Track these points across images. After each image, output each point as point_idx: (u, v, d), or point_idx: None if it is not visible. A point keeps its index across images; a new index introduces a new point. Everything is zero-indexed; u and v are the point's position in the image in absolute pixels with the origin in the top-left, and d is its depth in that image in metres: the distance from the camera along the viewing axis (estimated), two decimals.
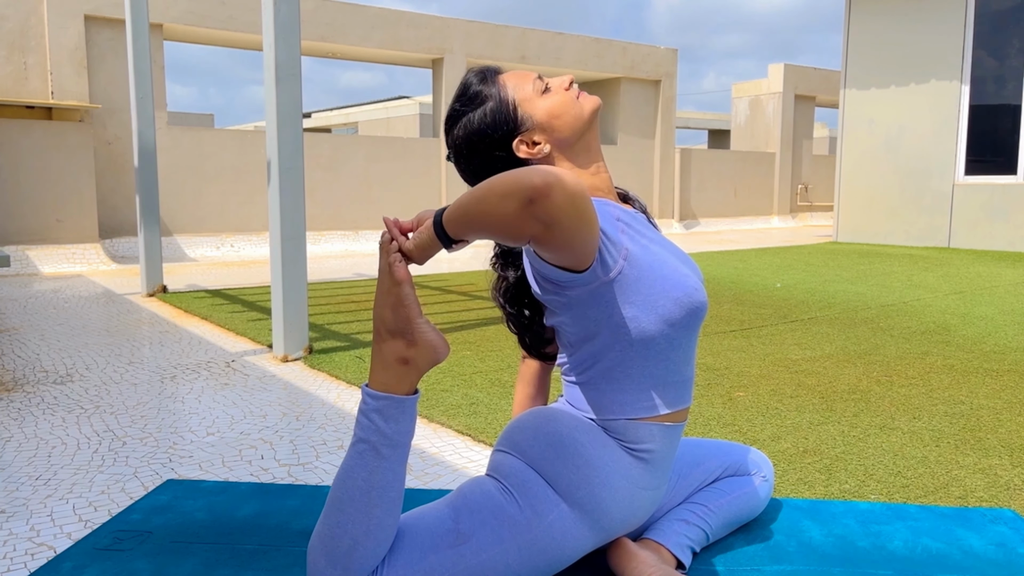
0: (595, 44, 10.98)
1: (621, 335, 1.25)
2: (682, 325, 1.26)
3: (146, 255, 4.92)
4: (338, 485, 1.21)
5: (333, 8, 8.85)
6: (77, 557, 1.47)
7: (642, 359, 1.27)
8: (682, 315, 1.25)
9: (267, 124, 3.19)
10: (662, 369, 1.28)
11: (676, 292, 1.25)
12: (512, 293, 1.42)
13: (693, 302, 1.26)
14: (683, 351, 1.30)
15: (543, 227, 1.04)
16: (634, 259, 1.22)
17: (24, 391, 2.73)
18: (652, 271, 1.24)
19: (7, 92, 7.00)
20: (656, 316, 1.24)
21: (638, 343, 1.25)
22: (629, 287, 1.22)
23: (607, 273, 1.20)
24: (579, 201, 1.04)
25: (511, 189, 1.02)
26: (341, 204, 8.93)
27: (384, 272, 1.20)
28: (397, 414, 1.20)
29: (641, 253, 1.24)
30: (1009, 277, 6.00)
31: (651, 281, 1.23)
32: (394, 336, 1.20)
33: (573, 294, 1.23)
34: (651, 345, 1.26)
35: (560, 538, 1.23)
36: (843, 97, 9.67)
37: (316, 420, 2.42)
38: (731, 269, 6.54)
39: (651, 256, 1.25)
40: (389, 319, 1.20)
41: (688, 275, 1.28)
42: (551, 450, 1.25)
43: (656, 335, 1.25)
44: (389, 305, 1.20)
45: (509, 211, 1.03)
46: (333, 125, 24.61)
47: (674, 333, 1.27)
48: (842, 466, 2.00)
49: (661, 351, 1.27)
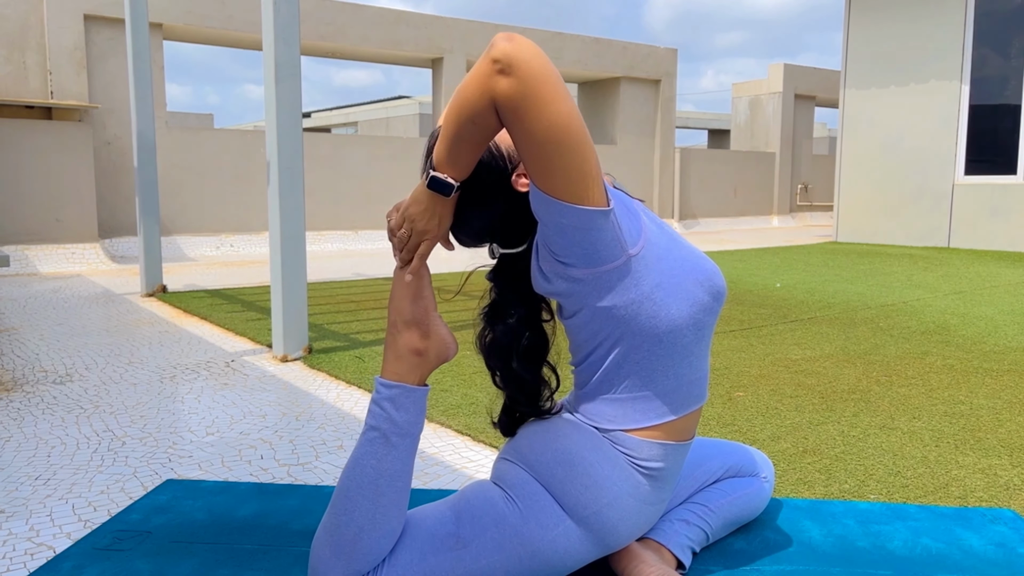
0: (595, 44, 10.98)
1: (647, 326, 1.19)
2: (708, 309, 1.24)
3: (146, 255, 4.92)
4: (347, 474, 1.23)
5: (333, 8, 8.85)
6: (76, 557, 1.46)
7: (668, 354, 1.22)
8: (707, 298, 1.23)
9: (267, 124, 3.19)
10: (686, 366, 1.25)
11: (698, 274, 1.23)
12: (501, 344, 1.30)
13: (715, 285, 1.25)
14: (705, 343, 1.27)
15: (517, 82, 1.02)
16: (653, 239, 1.20)
17: (23, 391, 2.73)
18: (671, 252, 1.22)
19: (7, 92, 6.99)
20: (683, 299, 1.20)
21: (666, 335, 1.20)
22: (652, 267, 1.18)
23: (633, 246, 1.16)
24: (542, 54, 1.04)
25: (475, 68, 1.06)
26: (341, 204, 8.92)
27: (405, 266, 1.24)
28: (408, 404, 1.23)
29: (658, 233, 1.23)
30: (1009, 277, 6.00)
31: (672, 262, 1.21)
32: (409, 328, 1.24)
33: (600, 273, 1.16)
34: (679, 337, 1.21)
35: (563, 552, 1.22)
36: (843, 97, 9.67)
37: (316, 420, 2.41)
38: (731, 269, 6.54)
39: (668, 238, 1.24)
40: (407, 311, 1.24)
41: (705, 257, 1.27)
42: (560, 468, 1.23)
43: (684, 323, 1.21)
44: (408, 297, 1.24)
45: (479, 83, 1.04)
46: (333, 125, 24.61)
47: (702, 318, 1.23)
48: (842, 466, 1.99)
49: (687, 345, 1.23)
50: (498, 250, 1.29)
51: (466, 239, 1.29)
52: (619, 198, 1.21)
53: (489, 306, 1.32)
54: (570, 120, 1.06)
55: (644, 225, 1.21)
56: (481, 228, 1.27)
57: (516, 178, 1.24)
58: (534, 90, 1.03)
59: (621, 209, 1.18)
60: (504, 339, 1.28)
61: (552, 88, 1.04)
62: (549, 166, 1.08)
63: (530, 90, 1.03)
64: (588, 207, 1.10)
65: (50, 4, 7.12)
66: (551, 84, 1.04)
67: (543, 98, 1.03)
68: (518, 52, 1.02)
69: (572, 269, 1.16)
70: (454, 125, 1.10)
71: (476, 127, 1.09)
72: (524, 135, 1.06)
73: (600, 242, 1.13)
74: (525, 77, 1.02)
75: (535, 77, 1.03)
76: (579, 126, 1.07)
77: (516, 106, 1.03)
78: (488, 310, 1.32)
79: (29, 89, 7.14)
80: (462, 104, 1.07)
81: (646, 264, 1.18)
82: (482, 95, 1.05)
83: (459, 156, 1.13)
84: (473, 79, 1.06)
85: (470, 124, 1.08)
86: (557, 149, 1.06)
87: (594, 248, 1.14)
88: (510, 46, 1.02)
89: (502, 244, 1.29)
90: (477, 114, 1.07)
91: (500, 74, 1.02)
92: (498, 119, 1.07)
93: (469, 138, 1.10)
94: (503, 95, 1.03)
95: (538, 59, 1.03)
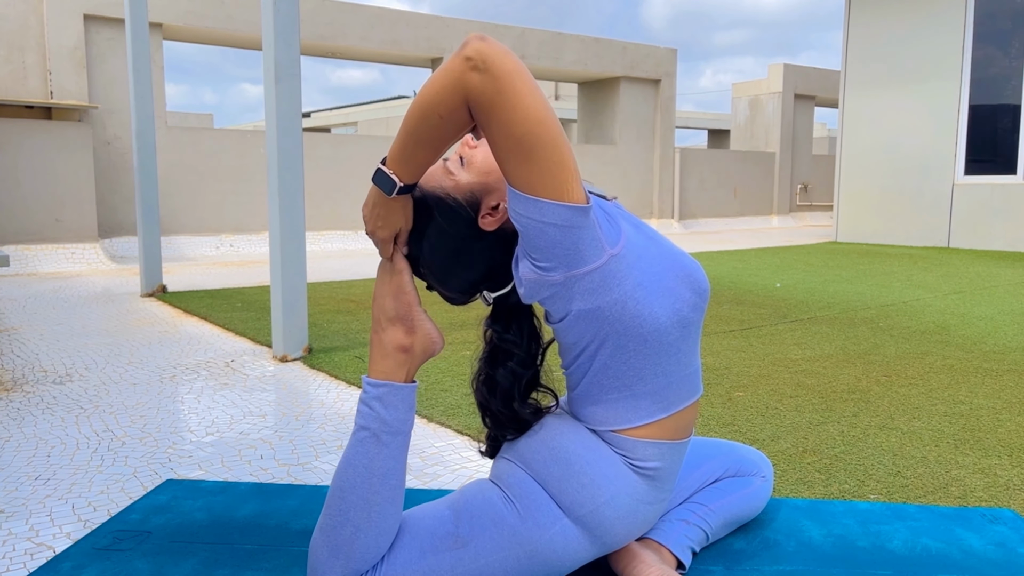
0: (595, 44, 10.98)
1: (631, 326, 1.19)
2: (692, 305, 1.23)
3: (145, 255, 4.92)
4: (339, 474, 1.23)
5: (332, 8, 8.85)
6: (76, 557, 1.46)
7: (655, 352, 1.21)
8: (689, 294, 1.23)
9: (267, 124, 3.19)
10: (675, 363, 1.24)
11: (678, 270, 1.23)
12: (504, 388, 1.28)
13: (696, 280, 1.24)
14: (693, 340, 1.27)
15: (492, 78, 1.03)
16: (632, 238, 1.20)
17: (23, 391, 2.73)
18: (648, 251, 1.21)
19: (6, 92, 6.99)
20: (665, 297, 1.20)
21: (651, 334, 1.20)
22: (632, 267, 1.17)
23: (613, 245, 1.16)
24: (512, 54, 1.05)
25: (445, 66, 1.06)
26: (341, 204, 8.92)
27: (385, 262, 1.25)
28: (397, 401, 1.23)
29: (635, 232, 1.23)
30: (1009, 277, 6.00)
31: (651, 260, 1.20)
32: (394, 324, 1.24)
33: (582, 275, 1.14)
34: (663, 335, 1.21)
35: (560, 551, 1.22)
36: (843, 97, 9.67)
37: (315, 420, 2.41)
38: (730, 269, 6.54)
39: (644, 237, 1.24)
40: (390, 307, 1.24)
41: (685, 254, 1.27)
42: (557, 467, 1.23)
43: (667, 321, 1.20)
44: (391, 294, 1.24)
45: (452, 79, 1.04)
46: (332, 125, 24.61)
47: (686, 314, 1.22)
48: (842, 466, 1.99)
49: (673, 342, 1.22)
50: (490, 296, 1.28)
51: (457, 296, 1.29)
52: (594, 200, 1.20)
53: (489, 351, 1.30)
54: (546, 113, 1.06)
55: (621, 225, 1.21)
56: (467, 282, 1.26)
57: (482, 219, 1.22)
58: (509, 84, 1.03)
59: (598, 209, 1.18)
60: (506, 382, 1.27)
61: (525, 82, 1.05)
62: (527, 162, 1.07)
63: (505, 84, 1.03)
64: (569, 203, 1.09)
65: (50, 4, 7.12)
66: (524, 79, 1.05)
67: (518, 91, 1.04)
68: (490, 50, 1.03)
69: (552, 274, 1.15)
70: (415, 121, 1.10)
71: (442, 122, 1.08)
72: (501, 130, 1.06)
73: (581, 241, 1.12)
74: (499, 73, 1.03)
75: (509, 72, 1.03)
76: (554, 120, 1.07)
77: (491, 100, 1.04)
78: (488, 355, 1.30)
79: (29, 89, 7.14)
80: (429, 100, 1.07)
81: (627, 263, 1.17)
82: (455, 91, 1.05)
83: (413, 154, 1.13)
84: (444, 76, 1.06)
85: (436, 119, 1.08)
86: (536, 142, 1.06)
87: (576, 248, 1.12)
88: (483, 45, 1.03)
89: (491, 288, 1.28)
90: (446, 110, 1.07)
91: (474, 71, 1.03)
92: (468, 115, 1.07)
93: (428, 136, 1.10)
94: (477, 90, 1.04)
95: (510, 56, 1.05)
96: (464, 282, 1.26)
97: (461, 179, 1.23)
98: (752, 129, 14.20)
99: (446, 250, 1.23)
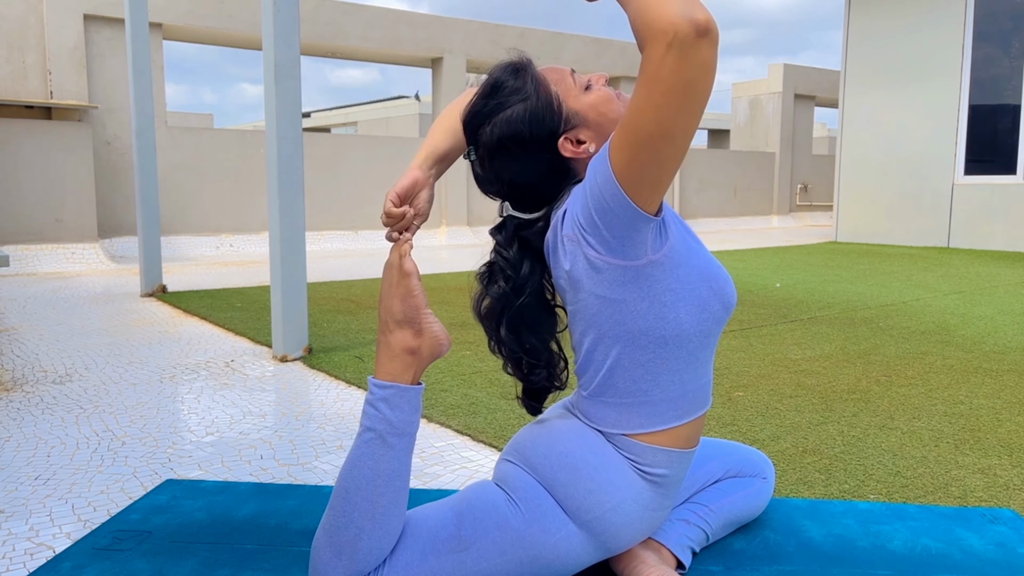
0: (595, 44, 10.98)
1: (652, 327, 1.18)
2: (717, 319, 1.22)
3: (145, 254, 4.92)
4: (344, 475, 1.23)
5: (332, 8, 8.85)
6: (76, 557, 1.46)
7: (673, 359, 1.21)
8: (718, 307, 1.22)
9: (267, 124, 3.19)
10: (691, 373, 1.23)
11: (712, 283, 1.21)
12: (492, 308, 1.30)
13: (727, 294, 1.23)
14: (710, 351, 1.26)
15: (709, 46, 0.96)
16: (676, 246, 1.18)
17: (23, 391, 2.73)
18: (689, 261, 1.20)
19: (6, 92, 6.99)
20: (694, 306, 1.19)
21: (672, 339, 1.19)
22: (668, 273, 1.17)
23: (656, 252, 1.15)
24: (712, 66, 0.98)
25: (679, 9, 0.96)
26: (340, 204, 8.92)
27: (393, 265, 1.25)
28: (403, 403, 1.23)
29: (681, 239, 1.21)
30: (1008, 277, 6.00)
31: (689, 269, 1.19)
32: (401, 327, 1.24)
33: (614, 264, 1.14)
34: (685, 342, 1.20)
35: (564, 555, 1.22)
36: (843, 97, 9.67)
37: (315, 420, 2.41)
38: (731, 269, 6.54)
39: (687, 245, 1.22)
40: (398, 310, 1.24)
41: (720, 265, 1.26)
42: (563, 472, 1.22)
43: (692, 330, 1.19)
44: (399, 296, 1.24)
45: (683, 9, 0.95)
46: (332, 125, 24.60)
47: (710, 326, 1.22)
48: (841, 466, 1.99)
49: (693, 351, 1.22)
50: (508, 210, 1.28)
51: (487, 177, 1.27)
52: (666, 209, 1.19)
53: (486, 266, 1.32)
54: (684, 139, 1.03)
55: (671, 232, 1.19)
56: (507, 173, 1.25)
57: (563, 141, 1.23)
58: (708, 68, 0.98)
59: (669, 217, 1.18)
60: (497, 303, 1.29)
61: (703, 96, 1.01)
62: (634, 152, 1.05)
63: (708, 64, 0.98)
64: (639, 207, 1.09)
65: (50, 4, 7.12)
66: (695, 119, 1.02)
67: (706, 81, 0.99)
68: (704, 53, 0.97)
69: (590, 249, 1.15)
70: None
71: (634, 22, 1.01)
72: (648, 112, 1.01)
73: (628, 240, 1.12)
74: (708, 68, 0.98)
75: (699, 92, 0.99)
76: (684, 147, 1.05)
77: (685, 78, 0.98)
78: (485, 270, 1.32)
79: (29, 89, 7.14)
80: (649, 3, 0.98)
81: (663, 270, 1.16)
82: (676, 17, 0.96)
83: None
84: (674, 8, 0.96)
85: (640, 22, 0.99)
86: (651, 148, 1.03)
87: (620, 242, 1.13)
88: (705, 43, 0.97)
89: (515, 205, 1.28)
90: (652, 18, 0.97)
91: (704, 38, 0.96)
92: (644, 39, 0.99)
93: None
94: (692, 53, 0.96)
95: (711, 62, 0.99)
96: (504, 171, 1.25)
97: (578, 98, 1.24)
98: (752, 129, 14.20)
99: (516, 135, 1.22)
